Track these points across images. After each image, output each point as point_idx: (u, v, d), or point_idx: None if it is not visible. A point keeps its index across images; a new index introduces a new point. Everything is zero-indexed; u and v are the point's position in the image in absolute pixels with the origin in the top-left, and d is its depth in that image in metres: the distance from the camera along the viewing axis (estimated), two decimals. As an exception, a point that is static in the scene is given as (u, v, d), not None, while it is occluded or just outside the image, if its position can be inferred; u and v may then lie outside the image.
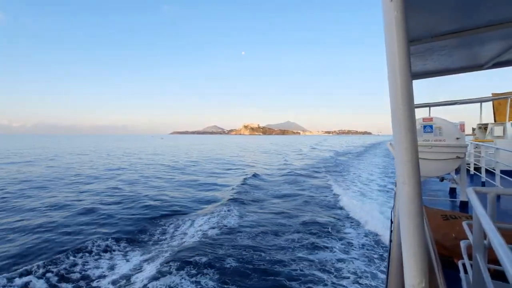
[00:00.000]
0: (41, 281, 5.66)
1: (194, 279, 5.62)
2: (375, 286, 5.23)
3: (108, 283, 5.61)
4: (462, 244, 1.80)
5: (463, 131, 4.35)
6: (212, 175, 20.51)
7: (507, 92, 9.33)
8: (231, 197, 12.47)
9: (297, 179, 18.21)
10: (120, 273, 6.03)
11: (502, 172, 4.83)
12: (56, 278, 5.80)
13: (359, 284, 5.31)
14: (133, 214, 10.24)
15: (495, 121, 11.38)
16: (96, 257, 6.77)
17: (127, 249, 7.31)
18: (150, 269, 5.98)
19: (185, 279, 5.58)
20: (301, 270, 5.82)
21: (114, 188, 15.10)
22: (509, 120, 9.11)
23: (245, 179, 17.47)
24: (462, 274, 1.83)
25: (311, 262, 6.17)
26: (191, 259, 6.31)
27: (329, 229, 8.18)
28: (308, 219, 9.18)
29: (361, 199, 12.05)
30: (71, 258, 6.61)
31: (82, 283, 5.67)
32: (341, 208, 10.79)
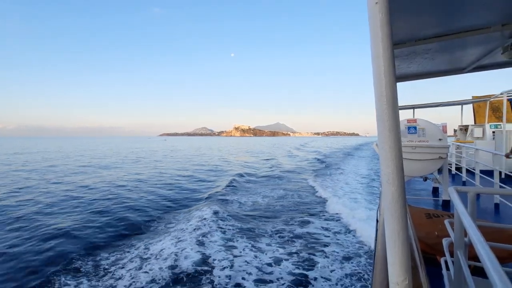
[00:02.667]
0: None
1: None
2: (361, 284, 5.31)
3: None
4: (444, 241, 1.86)
5: (445, 132, 4.50)
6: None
7: (486, 95, 9.72)
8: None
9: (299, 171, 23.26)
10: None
11: (482, 171, 5.02)
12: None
13: (347, 280, 5.39)
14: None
15: (475, 122, 11.83)
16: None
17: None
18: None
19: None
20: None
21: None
22: (488, 122, 9.49)
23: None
24: (444, 271, 1.88)
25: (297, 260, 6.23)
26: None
27: (318, 226, 8.29)
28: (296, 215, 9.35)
29: (349, 195, 12.45)
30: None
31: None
32: (325, 201, 11.13)
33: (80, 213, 10.38)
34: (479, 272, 1.92)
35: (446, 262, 1.86)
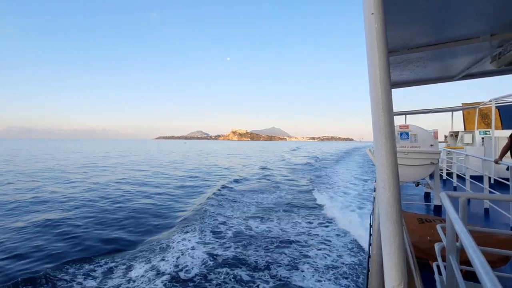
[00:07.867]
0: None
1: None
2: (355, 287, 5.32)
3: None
4: (436, 246, 1.88)
5: (437, 138, 4.58)
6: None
7: (475, 102, 9.96)
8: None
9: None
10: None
11: (472, 177, 5.12)
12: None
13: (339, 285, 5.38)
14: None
15: (465, 129, 12.10)
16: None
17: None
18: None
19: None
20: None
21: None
22: (477, 128, 9.72)
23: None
24: (436, 275, 1.90)
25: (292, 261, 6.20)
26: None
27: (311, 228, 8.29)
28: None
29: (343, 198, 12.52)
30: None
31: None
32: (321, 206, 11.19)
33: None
34: (470, 276, 1.95)
35: (438, 266, 1.89)
